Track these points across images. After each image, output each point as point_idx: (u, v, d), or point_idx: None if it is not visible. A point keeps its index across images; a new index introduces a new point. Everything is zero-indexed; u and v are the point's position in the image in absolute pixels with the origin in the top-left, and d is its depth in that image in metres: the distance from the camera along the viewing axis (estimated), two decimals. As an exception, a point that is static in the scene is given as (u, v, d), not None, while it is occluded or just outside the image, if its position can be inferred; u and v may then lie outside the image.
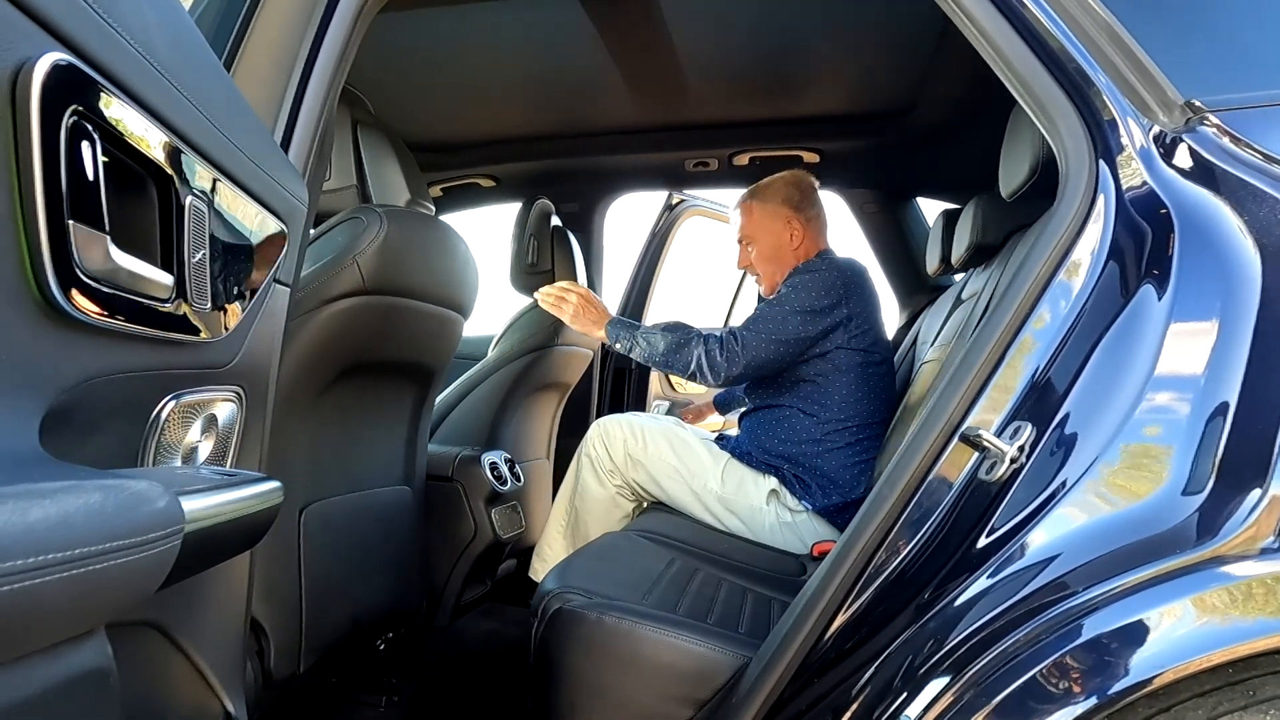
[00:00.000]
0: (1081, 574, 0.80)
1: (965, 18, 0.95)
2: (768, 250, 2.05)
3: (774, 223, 2.03)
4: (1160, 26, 0.92)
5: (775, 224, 2.03)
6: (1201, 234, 0.83)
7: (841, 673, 0.91)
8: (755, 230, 2.06)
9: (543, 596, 1.22)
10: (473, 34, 1.88)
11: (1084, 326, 0.85)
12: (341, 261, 1.23)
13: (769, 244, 2.04)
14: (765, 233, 2.04)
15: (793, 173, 2.08)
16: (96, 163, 0.45)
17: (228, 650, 0.82)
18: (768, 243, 2.04)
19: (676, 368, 1.86)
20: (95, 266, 0.46)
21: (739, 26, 1.84)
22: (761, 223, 2.05)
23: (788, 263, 2.02)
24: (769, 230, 2.04)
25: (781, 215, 2.02)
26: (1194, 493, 0.77)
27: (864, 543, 0.91)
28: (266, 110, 0.91)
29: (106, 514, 0.35)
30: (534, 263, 2.48)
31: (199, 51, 0.63)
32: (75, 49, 0.43)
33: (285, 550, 1.24)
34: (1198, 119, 0.86)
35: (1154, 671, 0.75)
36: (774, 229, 2.03)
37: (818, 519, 1.84)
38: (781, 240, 2.03)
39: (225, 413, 0.76)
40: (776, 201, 2.03)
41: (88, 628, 0.37)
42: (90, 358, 0.50)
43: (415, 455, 1.63)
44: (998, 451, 0.84)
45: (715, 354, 1.83)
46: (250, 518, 0.57)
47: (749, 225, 2.07)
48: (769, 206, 2.04)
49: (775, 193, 2.05)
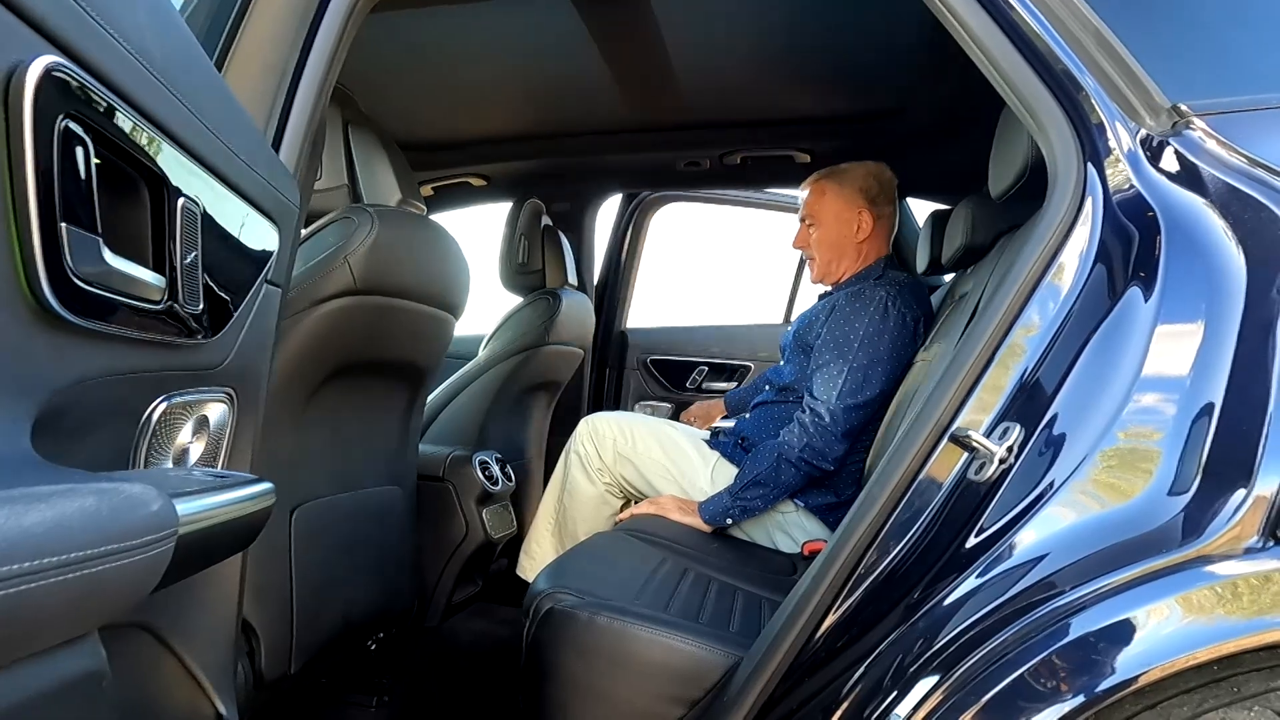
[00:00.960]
0: (1069, 573, 0.81)
1: (955, 21, 0.95)
2: (830, 236, 1.97)
3: (846, 210, 1.95)
4: (1147, 31, 0.93)
5: (847, 211, 1.95)
6: (1187, 237, 0.84)
7: (832, 672, 0.92)
8: (823, 212, 1.98)
9: (534, 596, 1.22)
10: (464, 34, 1.88)
11: (1072, 328, 0.86)
12: (332, 261, 1.22)
13: (834, 230, 1.96)
14: (833, 217, 1.96)
15: (876, 164, 2.01)
16: (89, 165, 0.45)
17: (219, 651, 0.82)
18: (833, 228, 1.96)
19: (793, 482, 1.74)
20: (87, 269, 0.46)
21: (730, 27, 1.84)
22: (832, 206, 1.96)
23: (848, 255, 1.97)
24: (838, 216, 1.96)
25: (855, 204, 1.95)
26: (1180, 493, 0.78)
27: (854, 542, 0.92)
28: (258, 110, 0.91)
29: (102, 517, 0.35)
30: (524, 262, 2.48)
31: (191, 52, 0.62)
32: (69, 52, 0.43)
33: (276, 551, 1.23)
34: (1184, 123, 0.87)
35: (1140, 670, 0.76)
36: (844, 216, 1.95)
37: (808, 517, 1.85)
38: (848, 230, 1.95)
39: (217, 414, 0.76)
40: (854, 189, 1.96)
41: (83, 631, 0.37)
42: (82, 360, 0.50)
43: (406, 455, 1.63)
44: (987, 452, 0.84)
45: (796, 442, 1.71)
46: (243, 520, 0.57)
47: (817, 205, 1.98)
48: (845, 191, 1.96)
49: (854, 179, 1.97)
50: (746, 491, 1.76)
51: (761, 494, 1.76)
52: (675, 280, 3.39)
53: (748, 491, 1.76)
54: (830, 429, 1.71)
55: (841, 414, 1.71)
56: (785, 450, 1.73)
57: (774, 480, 1.74)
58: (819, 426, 1.72)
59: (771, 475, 1.74)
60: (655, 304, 3.10)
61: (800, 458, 1.72)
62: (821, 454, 1.72)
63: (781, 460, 1.73)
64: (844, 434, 1.72)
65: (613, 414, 2.02)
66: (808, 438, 1.72)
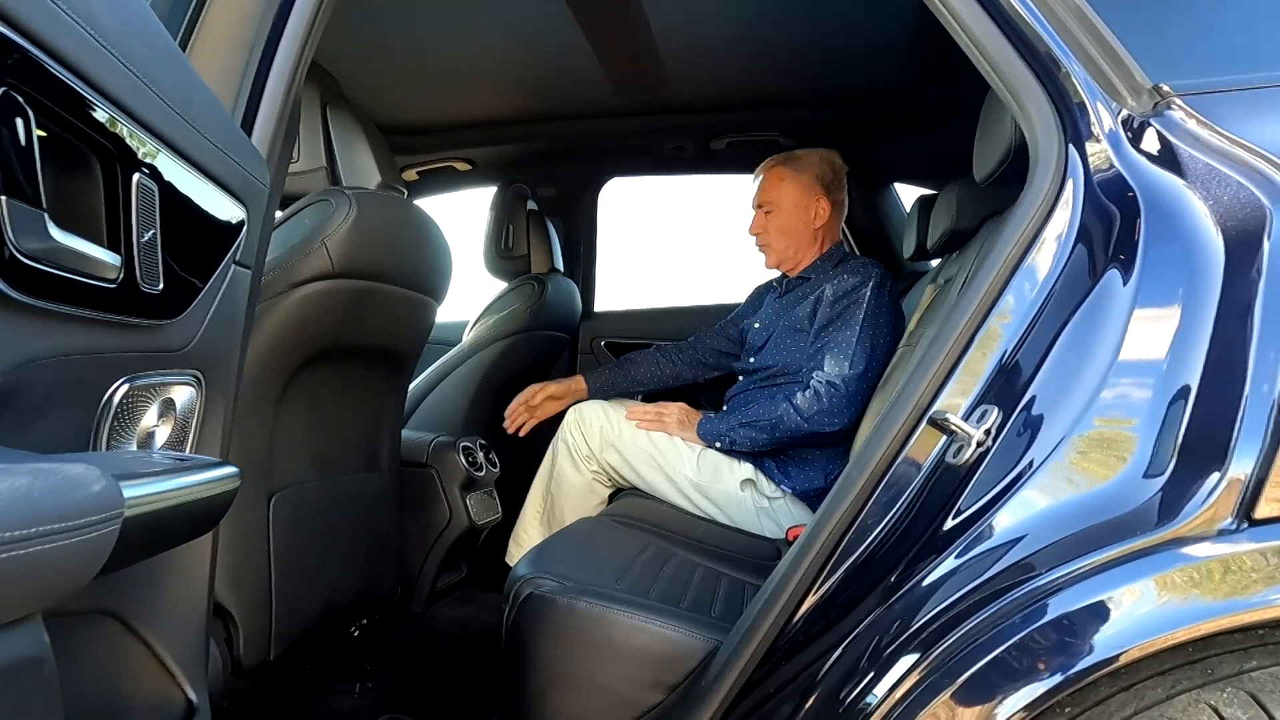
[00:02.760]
0: (1046, 555, 0.81)
1: (938, 2, 0.94)
2: (786, 223, 1.98)
3: (803, 196, 1.97)
4: (1129, 11, 0.93)
5: (804, 198, 1.97)
6: (1167, 218, 0.83)
7: (810, 655, 0.92)
8: (780, 198, 1.98)
9: (514, 582, 1.22)
10: (448, 15, 1.85)
11: (1051, 310, 0.86)
12: (309, 244, 1.20)
13: (791, 217, 1.98)
14: (790, 204, 1.97)
15: (828, 151, 2.03)
16: (31, 136, 0.44)
17: (189, 638, 0.81)
18: (791, 215, 1.98)
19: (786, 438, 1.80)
20: (32, 245, 0.45)
21: (715, 11, 1.83)
22: (789, 192, 1.98)
23: (805, 242, 1.99)
24: (795, 203, 1.97)
25: (812, 190, 1.97)
26: (1155, 475, 0.78)
27: (833, 525, 0.92)
28: (226, 88, 0.89)
29: (33, 498, 0.34)
30: (509, 247, 2.46)
31: (146, 24, 0.61)
32: (6, 19, 0.42)
33: (254, 537, 1.22)
34: (1165, 103, 0.87)
35: (1117, 650, 0.76)
36: (801, 203, 1.97)
37: (795, 503, 1.85)
38: (805, 216, 1.97)
39: (183, 397, 0.75)
40: (810, 175, 1.97)
41: (19, 615, 0.36)
42: (31, 339, 0.48)
43: (388, 441, 1.62)
44: (964, 435, 0.84)
45: (810, 405, 1.75)
46: (202, 503, 0.56)
47: (775, 191, 1.99)
48: (802, 178, 1.97)
49: (810, 166, 1.98)
50: (746, 428, 1.83)
51: (754, 437, 1.83)
52: (633, 259, 3.34)
53: (746, 429, 1.83)
54: (844, 395, 1.76)
55: (854, 382, 1.76)
56: (796, 409, 1.78)
57: (772, 429, 1.80)
58: (833, 393, 1.76)
59: (773, 424, 1.80)
60: (617, 285, 3.04)
61: (809, 418, 1.76)
62: (830, 418, 1.76)
63: (788, 416, 1.78)
64: (853, 401, 1.77)
65: (600, 402, 2.01)
66: (820, 403, 1.76)
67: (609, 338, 2.80)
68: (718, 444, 1.88)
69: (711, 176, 2.96)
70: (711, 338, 2.25)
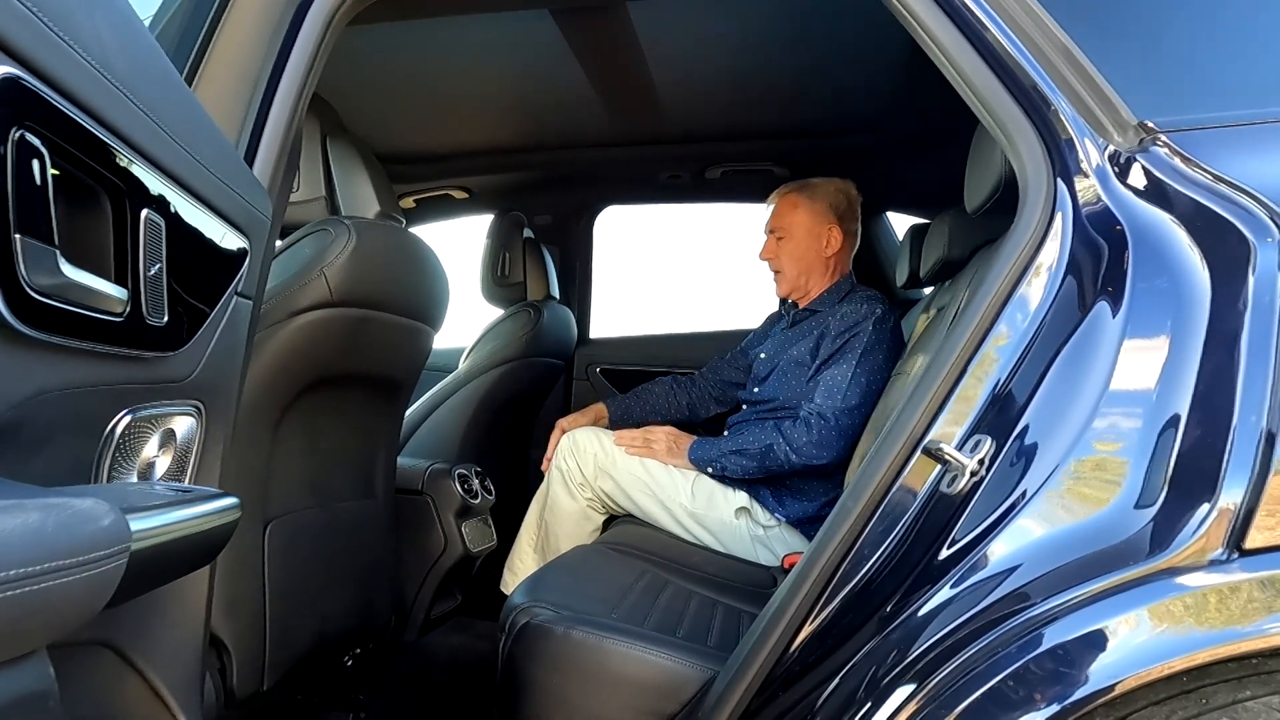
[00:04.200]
0: (1041, 584, 0.81)
1: (929, 39, 0.96)
2: (800, 250, 2.00)
3: (816, 224, 1.98)
4: (1115, 49, 0.95)
5: (817, 226, 1.98)
6: (1154, 251, 0.85)
7: (807, 685, 0.92)
8: (793, 225, 2.00)
9: (511, 610, 1.21)
10: (446, 47, 1.88)
11: (1042, 341, 0.87)
12: (309, 273, 1.22)
13: (804, 244, 1.99)
14: (804, 231, 1.99)
15: (844, 180, 2.04)
16: (45, 177, 0.45)
17: (185, 669, 0.80)
18: (803, 242, 1.99)
19: (775, 468, 1.81)
20: (44, 281, 0.46)
21: (710, 42, 1.86)
22: (802, 220, 1.99)
23: (816, 270, 2.00)
24: (809, 230, 1.99)
25: (826, 219, 1.98)
26: (1147, 505, 0.79)
27: (829, 554, 0.92)
28: (230, 123, 0.91)
29: (46, 534, 0.34)
30: (505, 274, 2.47)
31: (156, 63, 0.62)
32: (25, 63, 0.43)
33: (249, 565, 1.22)
34: (1151, 139, 0.89)
35: (1112, 680, 0.76)
36: (815, 231, 1.98)
37: (790, 531, 1.85)
38: (817, 244, 1.99)
39: (184, 427, 0.75)
40: (825, 204, 1.99)
41: (27, 650, 0.37)
42: (39, 372, 0.49)
43: (384, 468, 1.62)
44: (958, 465, 0.85)
45: (799, 436, 1.77)
46: (204, 535, 0.56)
47: (788, 218, 2.01)
48: (816, 206, 1.99)
49: (825, 194, 2.00)
50: (736, 455, 1.84)
51: (744, 464, 1.83)
52: (630, 286, 3.36)
53: (737, 456, 1.84)
54: (834, 428, 1.77)
55: (845, 415, 1.77)
56: (786, 439, 1.78)
57: (762, 458, 1.81)
58: (823, 425, 1.77)
59: (763, 452, 1.80)
60: (614, 311, 3.06)
61: (798, 449, 1.77)
62: (819, 450, 1.77)
63: (777, 446, 1.79)
64: (843, 435, 1.77)
65: (595, 429, 2.01)
66: (810, 434, 1.77)
67: (604, 364, 2.81)
68: (709, 470, 1.88)
69: (706, 205, 2.99)
70: (723, 368, 2.26)
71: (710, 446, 1.90)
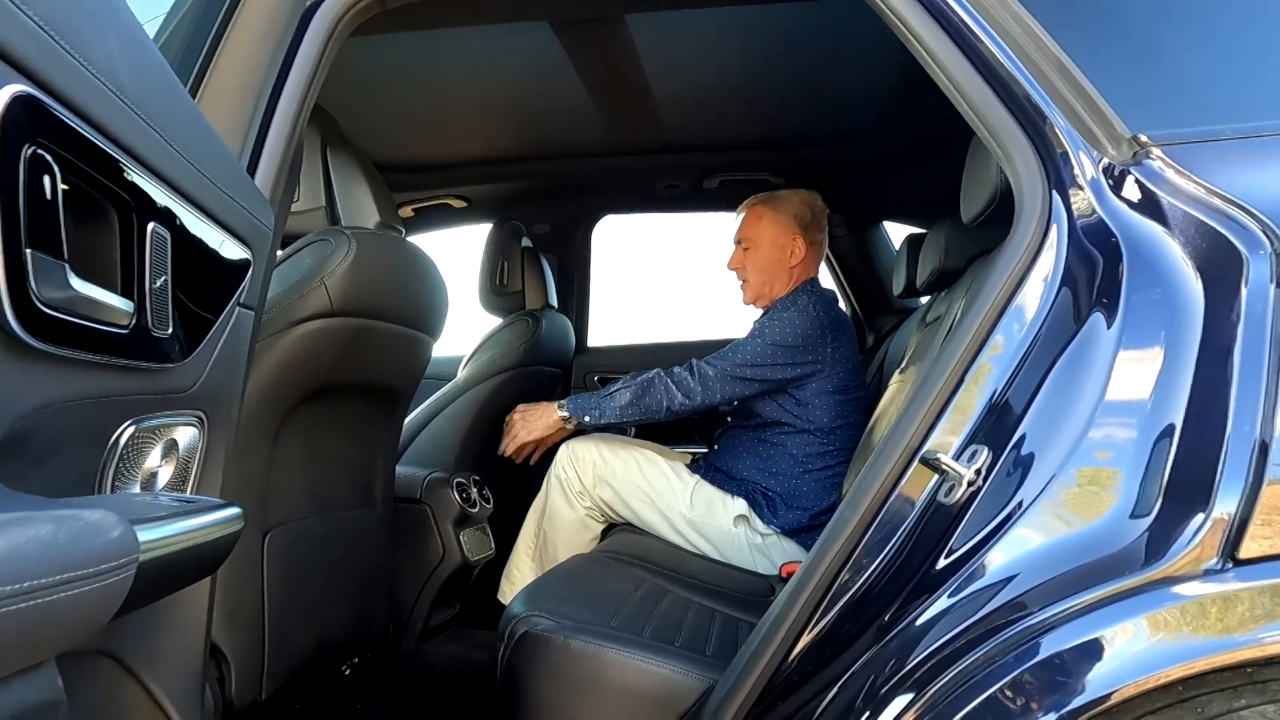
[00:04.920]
0: (1038, 594, 0.82)
1: (925, 53, 0.98)
2: (763, 259, 2.04)
3: (780, 235, 2.03)
4: (1109, 63, 0.96)
5: (781, 236, 2.03)
6: (1148, 263, 0.86)
7: (806, 694, 0.92)
8: (758, 236, 2.05)
9: (509, 620, 1.21)
10: (444, 57, 1.89)
11: (1038, 352, 0.88)
12: (309, 283, 1.22)
13: (767, 254, 2.04)
14: (767, 242, 2.04)
15: (809, 193, 2.10)
16: (56, 192, 0.45)
17: (185, 678, 0.81)
18: (766, 252, 2.04)
19: (655, 410, 1.86)
20: (53, 295, 0.46)
21: (708, 53, 1.87)
22: (767, 230, 2.04)
23: (780, 279, 2.04)
24: (772, 241, 2.04)
25: (789, 230, 2.03)
26: (1142, 515, 0.79)
27: (827, 564, 0.92)
28: (233, 134, 0.91)
29: (59, 546, 0.35)
30: (504, 283, 2.48)
31: (162, 78, 0.63)
32: (37, 80, 0.43)
33: (248, 574, 1.22)
34: (1144, 152, 0.90)
35: (1109, 689, 0.76)
36: (778, 241, 2.03)
37: (787, 540, 1.85)
38: (781, 254, 2.03)
39: (186, 438, 0.76)
40: (789, 215, 2.04)
41: (37, 661, 0.37)
42: (46, 385, 0.49)
43: (383, 477, 1.62)
44: (955, 475, 0.86)
45: (686, 380, 1.84)
46: (208, 545, 0.56)
47: (754, 229, 2.06)
48: (780, 217, 2.04)
49: (789, 206, 2.05)
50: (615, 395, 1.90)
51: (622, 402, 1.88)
52: (626, 294, 3.37)
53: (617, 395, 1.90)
54: (712, 377, 1.84)
55: (728, 370, 1.85)
56: (662, 375, 1.87)
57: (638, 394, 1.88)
58: (701, 371, 1.85)
59: (639, 389, 1.88)
60: (611, 320, 3.07)
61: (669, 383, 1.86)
62: (688, 391, 1.85)
63: (655, 380, 1.87)
64: (718, 388, 1.84)
65: (593, 438, 2.02)
66: (687, 372, 1.86)
67: (602, 372, 2.82)
68: (587, 418, 1.91)
69: (703, 214, 3.00)
70: None
71: (585, 397, 1.95)
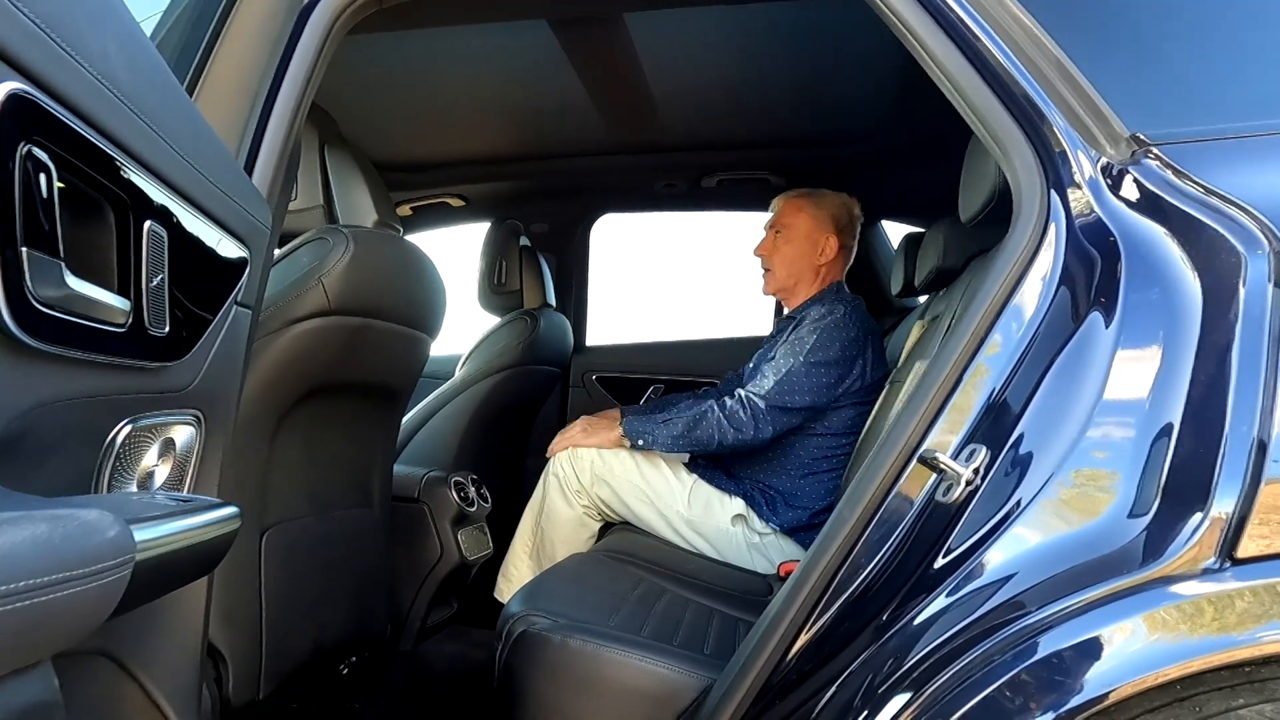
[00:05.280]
0: (1036, 593, 0.82)
1: (924, 52, 0.97)
2: (794, 251, 2.04)
3: (815, 231, 2.03)
4: (1107, 62, 0.96)
5: (815, 232, 2.03)
6: (1147, 263, 0.86)
7: (804, 693, 0.92)
8: (795, 226, 2.05)
9: (508, 619, 1.21)
10: (442, 56, 1.89)
11: (1036, 351, 0.88)
12: (307, 282, 1.22)
13: (800, 246, 2.04)
14: (802, 234, 2.04)
15: (850, 197, 2.10)
16: (52, 190, 0.45)
17: (183, 678, 0.80)
18: (799, 245, 2.04)
19: (707, 444, 1.84)
20: (49, 293, 0.46)
21: (707, 53, 1.87)
22: (804, 223, 2.04)
23: (805, 276, 2.04)
24: (806, 235, 2.03)
25: (825, 227, 2.03)
26: (1140, 514, 0.79)
27: (825, 563, 0.92)
28: (230, 133, 0.91)
29: (54, 545, 0.35)
30: (502, 282, 2.48)
31: (159, 76, 0.63)
32: (33, 78, 0.43)
33: (245, 574, 1.22)
34: (1143, 152, 0.90)
35: (1107, 688, 0.77)
36: (812, 236, 2.03)
37: (785, 539, 1.85)
38: (812, 250, 2.03)
39: (183, 436, 0.75)
40: (827, 214, 2.04)
41: (33, 660, 0.37)
42: (43, 383, 0.49)
43: (380, 476, 1.62)
44: (954, 474, 0.85)
45: (738, 413, 1.81)
46: (205, 545, 0.56)
47: (792, 218, 2.06)
48: (819, 213, 2.04)
49: (830, 205, 2.06)
50: (667, 424, 1.87)
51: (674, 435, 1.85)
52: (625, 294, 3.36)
53: (668, 425, 1.87)
54: (764, 411, 1.81)
55: (775, 398, 1.82)
56: (719, 405, 1.83)
57: (692, 425, 1.84)
58: (751, 402, 1.82)
59: (694, 419, 1.84)
60: (610, 319, 3.06)
61: (729, 414, 1.82)
62: (748, 430, 1.81)
63: (710, 413, 1.83)
64: (769, 417, 1.81)
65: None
66: (737, 406, 1.82)
67: (600, 372, 2.82)
68: (639, 442, 1.89)
69: (702, 213, 3.00)
70: (734, 380, 2.28)
71: (645, 419, 1.92)
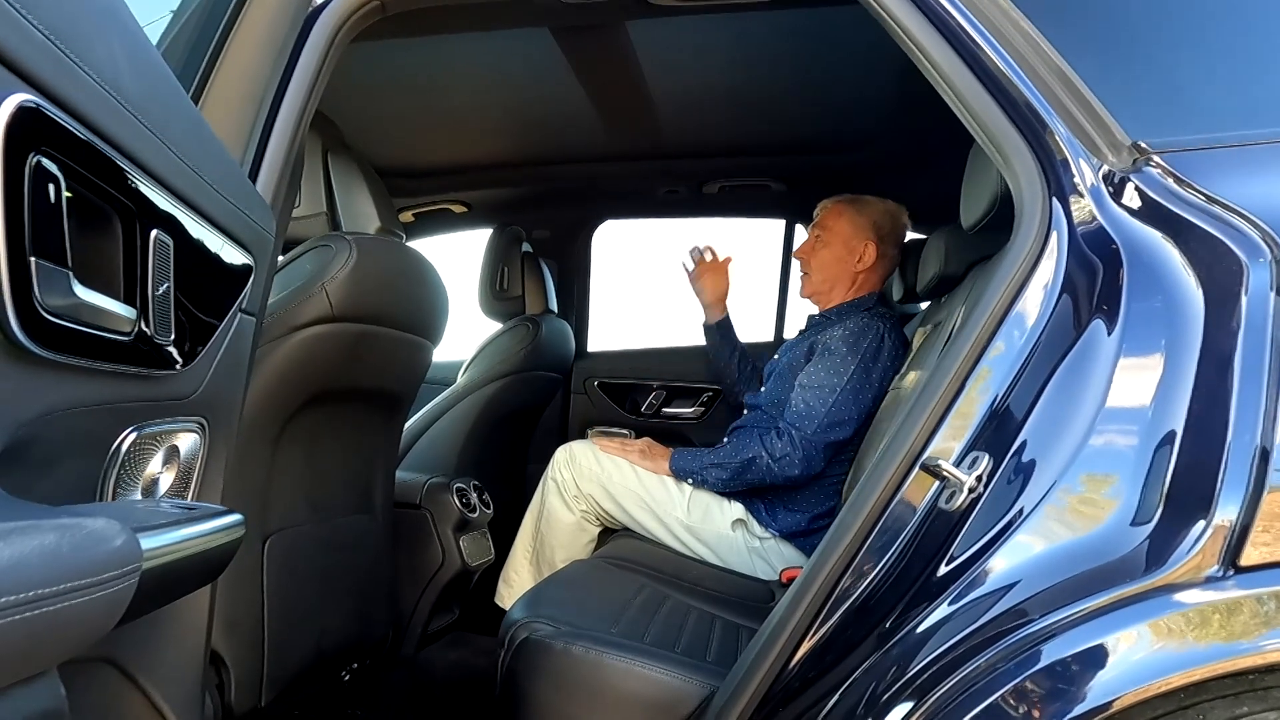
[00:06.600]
0: (1039, 601, 0.82)
1: (925, 60, 0.98)
2: (832, 256, 2.03)
3: (856, 236, 2.02)
4: (1109, 70, 0.96)
5: (856, 238, 2.02)
6: (1149, 271, 0.86)
7: (807, 700, 0.92)
8: (834, 230, 2.04)
9: (510, 626, 1.21)
10: (445, 63, 1.90)
11: (1039, 359, 0.88)
12: (309, 289, 1.22)
13: (838, 251, 2.03)
14: (842, 239, 2.03)
15: (897, 205, 2.08)
16: (60, 200, 0.45)
17: (186, 685, 0.80)
18: (838, 249, 2.03)
19: (756, 485, 1.84)
20: (56, 302, 0.46)
21: (709, 59, 1.87)
22: (844, 229, 2.03)
23: (842, 281, 2.03)
24: (848, 239, 2.02)
25: (864, 234, 2.02)
26: (1143, 522, 0.79)
27: (828, 570, 0.92)
28: (235, 140, 0.91)
29: (62, 554, 0.35)
30: (504, 288, 2.48)
31: (166, 86, 0.63)
32: (42, 89, 0.43)
33: (248, 581, 1.22)
34: (1144, 160, 0.90)
35: (1110, 696, 0.76)
36: (853, 242, 2.02)
37: (785, 544, 1.85)
38: (850, 255, 2.02)
39: (187, 444, 0.76)
40: (869, 220, 2.03)
41: (40, 669, 0.37)
42: (50, 392, 0.49)
43: (383, 483, 1.62)
44: (956, 481, 0.86)
45: (789, 456, 1.78)
46: (211, 552, 0.56)
47: (832, 222, 2.05)
48: (860, 220, 2.03)
49: (873, 211, 2.05)
50: (715, 468, 1.86)
51: (722, 477, 1.86)
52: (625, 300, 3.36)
53: (716, 469, 1.86)
54: (816, 444, 1.78)
55: (824, 432, 1.79)
56: (768, 451, 1.80)
57: (741, 471, 1.83)
58: (802, 439, 1.79)
59: (743, 465, 1.82)
60: (610, 325, 3.05)
61: (779, 460, 1.79)
62: (801, 466, 1.78)
63: (759, 459, 1.81)
64: (822, 452, 1.79)
65: (590, 442, 2.02)
66: (791, 447, 1.78)
67: (602, 378, 2.82)
68: (689, 481, 1.90)
69: (704, 220, 3.00)
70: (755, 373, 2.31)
71: (692, 458, 1.91)
